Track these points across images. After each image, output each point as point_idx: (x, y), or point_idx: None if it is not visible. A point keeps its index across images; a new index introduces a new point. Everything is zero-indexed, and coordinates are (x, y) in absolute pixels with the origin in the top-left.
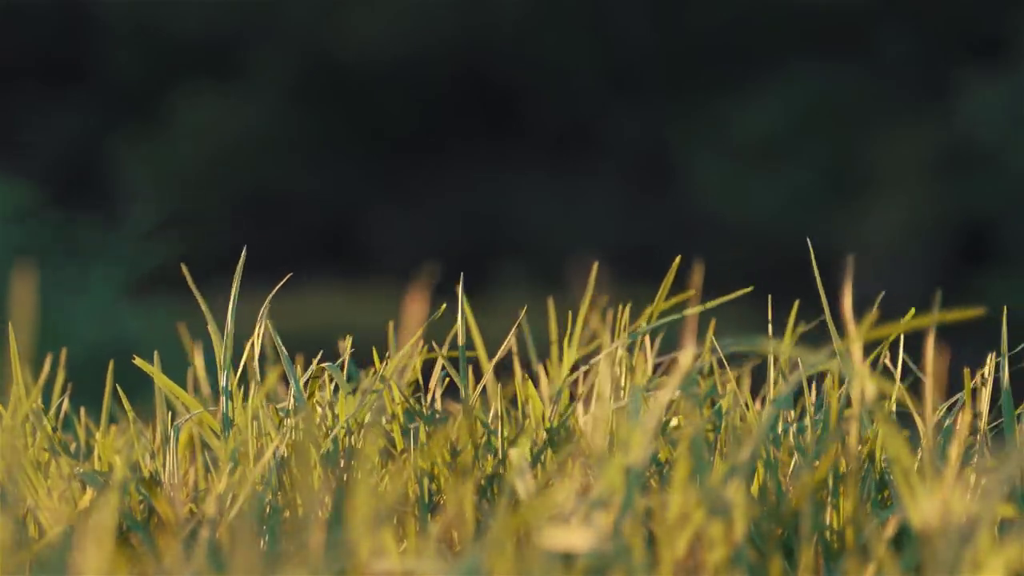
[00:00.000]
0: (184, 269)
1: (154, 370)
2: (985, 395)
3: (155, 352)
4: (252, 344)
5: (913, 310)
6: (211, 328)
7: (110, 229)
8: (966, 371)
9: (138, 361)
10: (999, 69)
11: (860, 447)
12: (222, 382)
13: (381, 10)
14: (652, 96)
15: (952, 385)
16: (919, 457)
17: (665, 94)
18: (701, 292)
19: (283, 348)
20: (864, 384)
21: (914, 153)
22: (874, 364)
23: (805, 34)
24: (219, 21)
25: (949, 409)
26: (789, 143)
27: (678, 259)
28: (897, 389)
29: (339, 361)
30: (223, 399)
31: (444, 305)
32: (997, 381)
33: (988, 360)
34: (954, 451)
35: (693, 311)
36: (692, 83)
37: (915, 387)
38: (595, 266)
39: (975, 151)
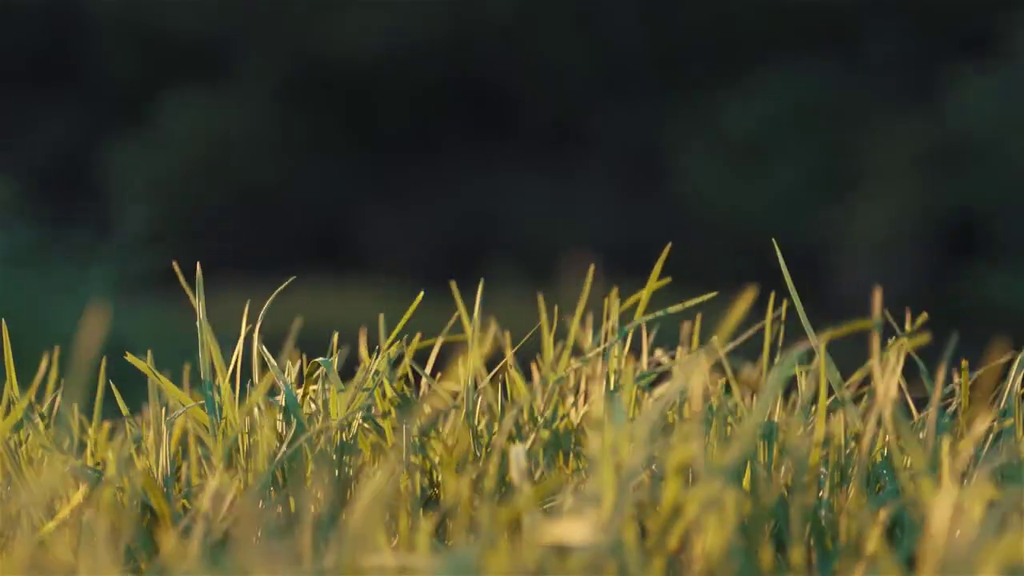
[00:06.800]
0: (176, 270)
1: (146, 366)
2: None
3: (147, 351)
4: (246, 342)
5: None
6: (205, 329)
7: (102, 229)
8: (971, 363)
9: (129, 357)
10: (989, 66)
11: (850, 441)
12: (205, 374)
13: (373, 10)
14: (644, 95)
15: (947, 379)
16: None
17: (657, 93)
18: (693, 288)
19: (266, 350)
20: (882, 380)
21: (905, 149)
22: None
23: (797, 32)
24: (211, 22)
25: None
26: (781, 140)
27: (667, 249)
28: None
29: (331, 358)
30: (214, 395)
31: (422, 293)
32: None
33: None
34: (952, 444)
35: (640, 298)
36: (684, 82)
37: (910, 382)
38: (584, 263)
39: (966, 147)
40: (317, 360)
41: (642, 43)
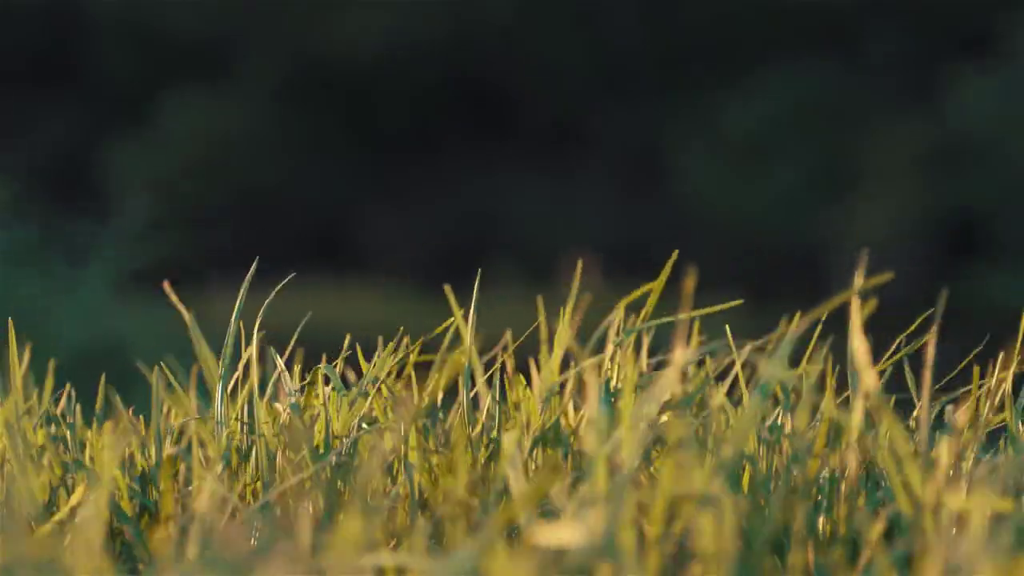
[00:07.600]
0: (167, 286)
1: (157, 373)
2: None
3: (149, 351)
4: (247, 342)
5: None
6: (195, 336)
7: (102, 229)
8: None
9: (140, 365)
10: (989, 66)
11: (846, 445)
12: (216, 381)
13: (373, 10)
14: (644, 95)
15: (944, 378)
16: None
17: (657, 93)
18: (692, 290)
19: (277, 358)
20: (864, 377)
21: (905, 149)
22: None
23: (797, 32)
24: (211, 22)
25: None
26: (781, 140)
27: (674, 254)
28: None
29: (333, 362)
30: (216, 398)
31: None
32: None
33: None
34: (949, 443)
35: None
36: (684, 82)
37: (905, 380)
38: (582, 263)
39: (966, 147)
40: (321, 369)
41: (642, 43)
